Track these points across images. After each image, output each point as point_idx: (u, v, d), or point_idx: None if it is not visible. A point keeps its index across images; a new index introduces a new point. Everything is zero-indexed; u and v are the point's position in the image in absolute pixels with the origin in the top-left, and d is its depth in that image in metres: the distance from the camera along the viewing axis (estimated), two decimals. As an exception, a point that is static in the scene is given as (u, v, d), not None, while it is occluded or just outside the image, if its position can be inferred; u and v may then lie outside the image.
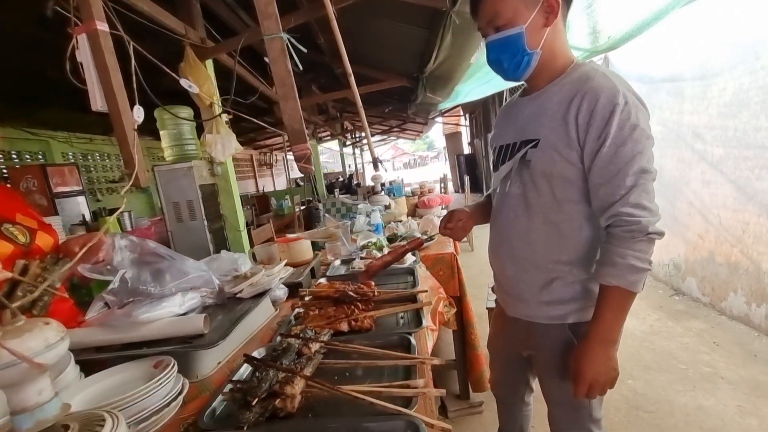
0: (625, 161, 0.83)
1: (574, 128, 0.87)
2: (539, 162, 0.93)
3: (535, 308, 1.03)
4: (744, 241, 2.63)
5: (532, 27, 0.88)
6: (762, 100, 2.36)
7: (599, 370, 0.91)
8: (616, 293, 0.86)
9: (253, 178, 10.32)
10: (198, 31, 2.71)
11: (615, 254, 0.85)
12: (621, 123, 0.83)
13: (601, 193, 0.87)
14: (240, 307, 1.27)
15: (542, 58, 0.92)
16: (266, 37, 1.23)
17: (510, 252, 1.05)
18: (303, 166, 1.31)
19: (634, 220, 0.83)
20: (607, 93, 0.84)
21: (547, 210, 0.96)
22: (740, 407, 2.01)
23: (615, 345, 0.93)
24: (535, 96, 0.98)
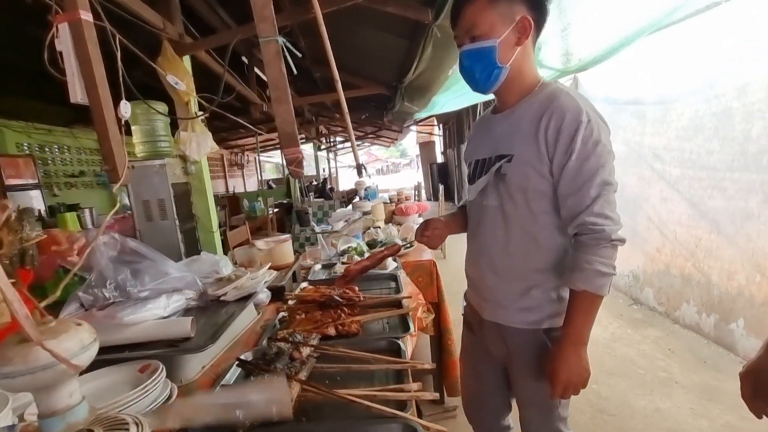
0: (589, 174, 0.90)
1: (543, 144, 0.93)
2: (514, 176, 0.99)
3: (513, 314, 1.07)
4: (696, 255, 2.85)
5: (504, 43, 0.94)
6: (714, 125, 2.58)
7: (573, 371, 0.96)
8: (585, 297, 0.93)
9: (223, 178, 10.04)
10: (176, 26, 2.64)
11: (583, 260, 0.92)
12: (585, 139, 0.89)
13: (569, 203, 0.94)
14: (225, 311, 1.25)
15: (511, 75, 0.98)
16: (262, 40, 1.23)
17: (490, 262, 1.09)
18: (294, 169, 1.30)
19: (599, 228, 0.90)
20: (572, 111, 0.91)
21: (524, 221, 1.01)
22: (693, 409, 2.16)
23: (585, 346, 0.98)
24: (507, 114, 1.04)
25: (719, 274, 2.68)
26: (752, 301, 2.44)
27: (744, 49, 2.38)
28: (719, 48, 2.52)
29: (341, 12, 2.65)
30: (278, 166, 13.88)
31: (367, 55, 4.49)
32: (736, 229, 2.50)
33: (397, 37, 3.49)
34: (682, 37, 2.74)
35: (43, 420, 0.40)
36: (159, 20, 2.39)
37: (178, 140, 2.54)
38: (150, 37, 2.40)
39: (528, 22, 0.94)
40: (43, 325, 0.39)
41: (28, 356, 0.36)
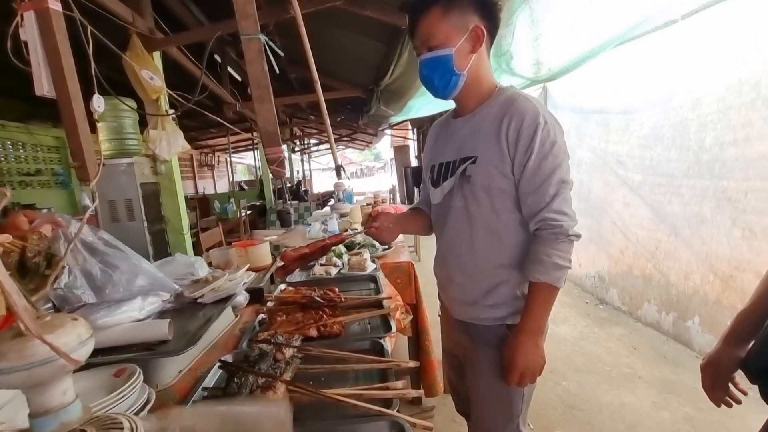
0: (547, 173, 0.96)
1: (505, 144, 0.98)
2: (479, 176, 1.03)
3: (480, 311, 1.11)
4: (657, 257, 3.02)
5: (460, 51, 0.99)
6: (672, 135, 2.76)
7: (530, 358, 1.01)
8: (543, 288, 0.99)
9: (192, 179, 9.71)
10: (146, 21, 2.55)
11: (542, 253, 0.97)
12: (542, 140, 0.95)
13: (529, 201, 0.99)
14: (202, 313, 1.21)
15: (468, 81, 1.03)
16: (244, 38, 1.21)
17: (458, 261, 1.13)
18: (276, 169, 1.28)
19: (557, 224, 0.95)
20: (530, 114, 0.96)
21: (488, 220, 1.05)
22: (654, 403, 2.28)
23: (542, 335, 1.04)
24: (469, 117, 1.08)
25: (677, 275, 2.85)
26: (706, 300, 2.62)
27: (698, 65, 2.56)
28: (676, 63, 2.70)
29: (319, 13, 2.64)
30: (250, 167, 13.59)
31: (344, 58, 4.49)
32: (692, 233, 2.68)
33: (374, 40, 3.52)
34: (643, 51, 2.91)
35: (35, 419, 0.38)
36: (128, 13, 2.30)
37: (147, 138, 2.45)
38: (117, 31, 2.31)
39: (480, 30, 0.99)
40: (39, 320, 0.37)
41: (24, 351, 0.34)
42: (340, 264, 2.08)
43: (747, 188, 2.26)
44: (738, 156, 2.30)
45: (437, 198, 1.16)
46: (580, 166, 3.91)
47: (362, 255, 2.08)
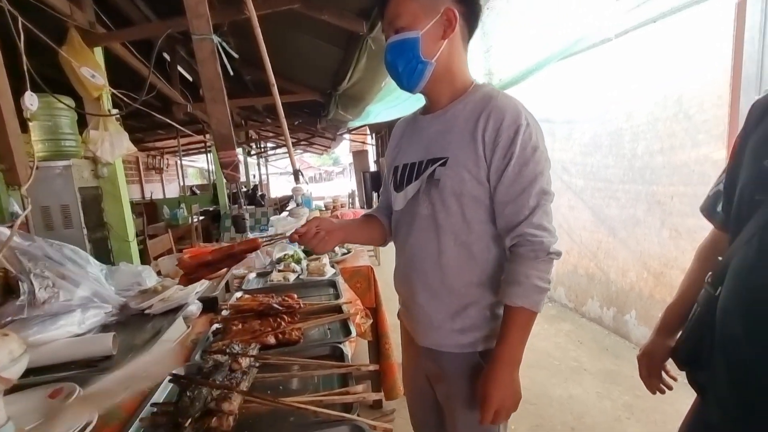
0: (528, 181, 0.85)
1: (481, 146, 0.87)
2: (449, 180, 0.90)
3: (446, 336, 0.97)
4: (598, 257, 3.25)
5: (428, 35, 0.88)
6: (609, 144, 3.00)
7: (506, 393, 0.89)
8: (521, 314, 0.86)
9: (138, 183, 9.13)
10: (86, 14, 2.40)
11: (520, 274, 0.85)
12: (524, 144, 0.84)
13: (507, 212, 0.87)
14: (150, 325, 1.14)
15: (438, 73, 0.91)
16: (196, 38, 1.17)
17: (422, 277, 0.98)
18: (229, 173, 1.25)
19: (537, 240, 0.84)
20: (511, 113, 0.86)
21: (457, 231, 0.92)
22: (598, 393, 2.44)
23: (518, 366, 0.91)
24: (440, 114, 0.96)
25: (616, 273, 3.09)
26: (641, 295, 2.85)
27: (630, 80, 2.81)
28: (612, 78, 2.95)
29: (275, 15, 2.61)
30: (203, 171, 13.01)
31: (301, 61, 4.44)
32: (628, 234, 2.92)
33: (332, 45, 3.52)
34: (584, 66, 3.15)
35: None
36: (65, 5, 2.15)
37: (87, 140, 2.29)
38: (53, 23, 2.14)
39: (453, 13, 0.88)
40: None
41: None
42: (299, 269, 2.05)
43: (673, 192, 2.51)
44: (665, 163, 2.54)
45: (399, 204, 1.02)
46: (529, 171, 4.13)
47: (321, 260, 2.06)
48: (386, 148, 1.21)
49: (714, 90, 2.19)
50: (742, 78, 2.05)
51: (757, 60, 2.00)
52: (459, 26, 0.90)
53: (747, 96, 2.05)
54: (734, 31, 2.08)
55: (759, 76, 2.00)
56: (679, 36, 2.40)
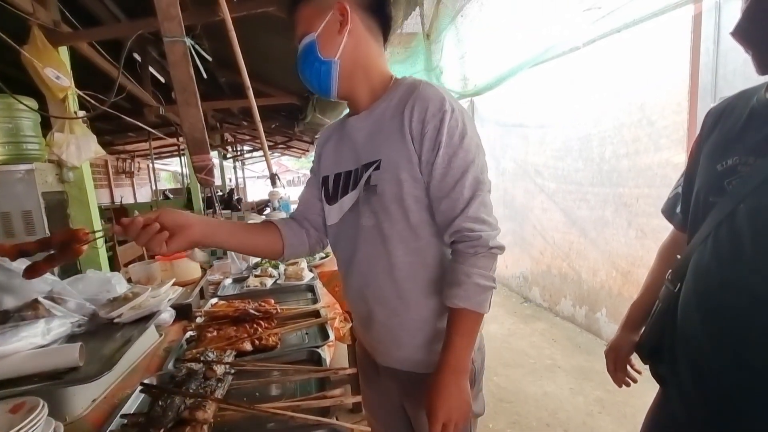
0: (460, 172, 0.79)
1: (410, 140, 0.81)
2: (386, 185, 0.83)
3: (412, 355, 0.89)
4: (570, 257, 3.36)
5: (324, 34, 0.84)
6: (579, 148, 3.11)
7: (453, 404, 0.80)
8: (465, 316, 0.80)
9: (107, 187, 8.78)
10: (50, 12, 2.31)
11: (461, 272, 0.79)
12: (451, 131, 0.78)
13: (443, 207, 0.81)
14: (120, 334, 1.11)
15: (348, 70, 0.86)
16: (167, 40, 1.15)
17: (377, 294, 0.90)
18: (204, 177, 1.23)
19: (475, 234, 0.78)
20: (434, 100, 0.79)
21: (406, 238, 0.85)
22: (572, 389, 2.52)
23: (467, 374, 0.83)
24: (365, 115, 0.89)
25: (587, 272, 3.20)
26: (611, 293, 2.97)
27: (598, 87, 2.93)
28: (582, 85, 3.07)
29: (251, 17, 2.58)
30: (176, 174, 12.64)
31: (277, 64, 4.40)
32: (597, 234, 3.03)
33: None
34: (555, 73, 3.26)
35: None
36: (28, 3, 2.06)
37: (52, 143, 2.19)
38: (15, 21, 2.05)
39: (343, 7, 0.83)
40: None
41: None
42: (277, 274, 2.03)
43: (638, 194, 2.62)
44: (630, 167, 2.66)
45: (334, 217, 0.94)
46: (504, 174, 4.24)
47: (299, 264, 2.05)
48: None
49: (673, 97, 2.31)
50: (698, 86, 2.18)
51: (712, 69, 2.13)
52: (360, 18, 0.85)
53: (703, 103, 2.17)
54: (691, 42, 2.21)
55: (714, 84, 2.13)
56: (641, 46, 2.53)
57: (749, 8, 0.68)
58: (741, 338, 0.73)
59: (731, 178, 0.77)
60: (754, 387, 0.70)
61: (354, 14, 0.84)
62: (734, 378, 0.74)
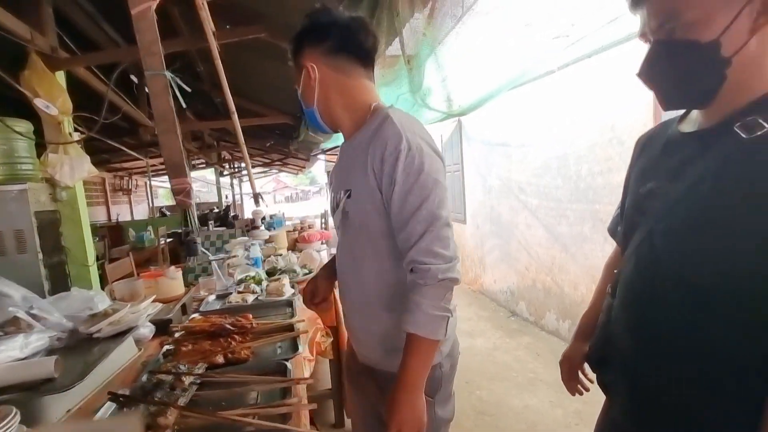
0: (414, 207, 0.85)
1: (373, 175, 0.89)
2: (355, 213, 0.94)
3: (380, 357, 1.00)
4: (553, 271, 3.43)
5: (304, 89, 0.99)
6: (558, 166, 3.22)
7: (405, 418, 0.88)
8: (417, 340, 0.86)
9: (104, 204, 8.87)
10: (48, 38, 2.44)
11: (412, 302, 0.86)
12: (406, 169, 0.85)
13: (400, 238, 0.88)
14: (98, 348, 1.17)
15: (325, 112, 0.99)
16: (148, 74, 1.25)
17: (351, 299, 1.03)
18: (182, 200, 1.31)
19: (425, 267, 0.84)
20: (392, 140, 0.86)
21: (371, 260, 0.95)
22: (552, 402, 2.55)
23: (421, 391, 0.89)
24: (348, 145, 1.00)
25: (569, 286, 3.26)
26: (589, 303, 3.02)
27: (573, 108, 3.05)
28: (559, 106, 3.19)
29: (244, 42, 2.71)
30: (173, 191, 12.73)
31: (270, 85, 4.55)
32: (577, 249, 3.10)
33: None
34: (535, 95, 3.40)
35: None
36: (26, 30, 2.19)
37: (46, 163, 2.29)
38: (14, 47, 2.18)
39: (310, 67, 0.94)
40: None
41: None
42: (259, 290, 2.09)
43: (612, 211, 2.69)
44: (605, 184, 2.76)
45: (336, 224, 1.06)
46: (490, 192, 4.34)
47: (281, 281, 2.11)
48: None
49: (640, 118, 2.43)
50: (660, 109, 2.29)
51: (674, 92, 2.25)
52: (327, 66, 0.95)
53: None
54: (655, 67, 2.32)
55: (677, 106, 2.24)
56: (610, 71, 2.66)
57: (649, 54, 0.78)
58: (660, 346, 0.80)
59: (650, 201, 0.86)
60: (674, 392, 0.77)
61: (320, 65, 0.95)
62: (657, 382, 0.81)
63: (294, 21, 2.75)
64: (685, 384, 0.74)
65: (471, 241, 4.96)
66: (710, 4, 0.66)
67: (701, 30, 0.68)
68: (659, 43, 0.75)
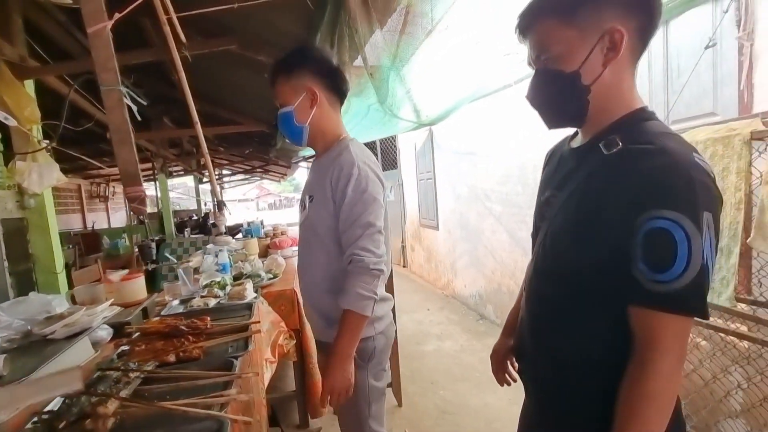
0: (356, 216, 1.15)
1: (330, 189, 1.19)
2: (313, 214, 1.23)
3: (322, 329, 1.29)
4: (516, 275, 3.57)
5: (299, 108, 1.22)
6: (518, 174, 3.38)
7: (337, 380, 1.13)
8: (350, 315, 1.13)
9: (80, 212, 8.73)
10: (17, 48, 2.47)
11: (348, 284, 1.14)
12: (354, 188, 1.15)
13: (344, 238, 1.17)
14: (51, 349, 1.23)
15: (313, 132, 1.25)
16: (104, 88, 1.32)
17: (305, 283, 1.34)
18: (136, 207, 1.38)
19: (359, 258, 1.12)
20: (347, 165, 1.17)
21: (320, 251, 1.24)
22: (510, 399, 2.67)
23: (351, 359, 1.15)
24: (317, 162, 1.31)
25: (531, 289, 3.40)
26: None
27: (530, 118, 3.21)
28: (517, 117, 3.36)
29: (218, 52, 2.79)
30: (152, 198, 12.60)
31: (246, 95, 4.62)
32: (537, 253, 3.25)
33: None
34: (496, 106, 3.56)
35: None
36: (-7, 41, 2.23)
37: (14, 171, 2.32)
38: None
39: (313, 91, 1.21)
40: None
41: None
42: (222, 294, 2.15)
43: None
44: (559, 191, 2.91)
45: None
46: (460, 199, 4.49)
47: (243, 285, 2.18)
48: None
49: (586, 130, 2.59)
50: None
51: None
52: (324, 96, 1.24)
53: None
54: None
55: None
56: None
57: (532, 81, 0.91)
58: (545, 337, 0.92)
59: (546, 207, 0.99)
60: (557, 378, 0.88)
61: (320, 93, 1.23)
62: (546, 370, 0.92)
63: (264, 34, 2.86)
64: (570, 379, 0.85)
65: (443, 247, 5.09)
66: (570, 42, 0.79)
67: (565, 62, 0.81)
68: (538, 72, 0.88)
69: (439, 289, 5.38)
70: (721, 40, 1.70)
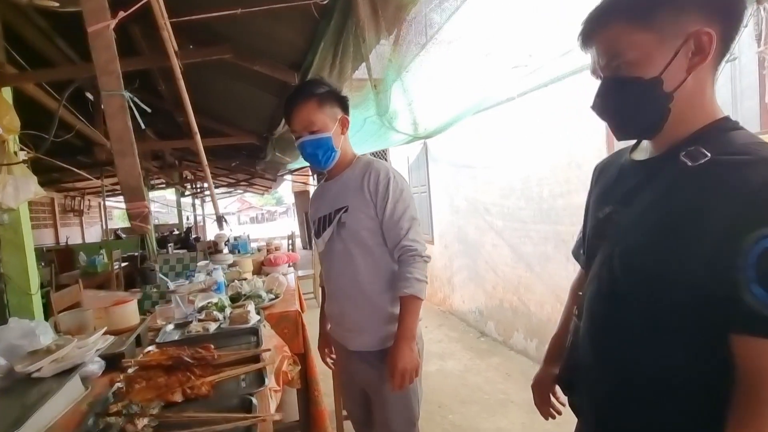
0: (401, 212, 1.29)
1: (368, 193, 1.30)
2: (351, 220, 1.32)
3: (372, 337, 1.34)
4: (519, 291, 3.50)
5: (335, 134, 1.32)
6: (521, 188, 3.34)
7: (407, 360, 1.23)
8: (410, 300, 1.26)
9: (53, 227, 8.26)
10: (-7, 54, 2.30)
11: (406, 272, 1.26)
12: (394, 189, 1.30)
13: (392, 235, 1.30)
14: (37, 389, 1.06)
15: (341, 156, 1.37)
16: (105, 93, 1.19)
17: (346, 296, 1.37)
18: (138, 225, 1.23)
19: (413, 248, 1.27)
20: (383, 171, 1.32)
21: (365, 255, 1.32)
22: (523, 424, 2.56)
23: (414, 341, 1.28)
24: (337, 179, 1.40)
25: (535, 305, 3.34)
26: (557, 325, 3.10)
27: (534, 131, 3.20)
28: (521, 130, 3.35)
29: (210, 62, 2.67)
30: (130, 213, 12.08)
31: (237, 106, 4.49)
32: (542, 268, 3.20)
33: (266, 92, 3.63)
34: (498, 119, 3.54)
35: None
36: (-31, 46, 2.05)
37: (-13, 184, 2.11)
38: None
39: (345, 119, 1.37)
40: None
41: None
42: (221, 318, 1.99)
43: (573, 231, 2.80)
44: (565, 205, 2.88)
45: (321, 246, 1.43)
46: (458, 212, 4.43)
47: (245, 307, 2.02)
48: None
49: (594, 143, 2.58)
50: (613, 135, 2.45)
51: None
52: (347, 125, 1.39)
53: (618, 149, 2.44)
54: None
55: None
56: (566, 98, 2.83)
57: (600, 89, 0.83)
58: (621, 369, 0.82)
59: (608, 225, 0.90)
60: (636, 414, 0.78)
61: (346, 123, 1.38)
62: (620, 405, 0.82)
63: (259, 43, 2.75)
64: (646, 406, 0.75)
65: (440, 261, 5.00)
66: (647, 46, 0.72)
67: (643, 68, 0.73)
68: (608, 80, 0.80)
69: (435, 305, 5.27)
70: (741, 55, 1.71)
